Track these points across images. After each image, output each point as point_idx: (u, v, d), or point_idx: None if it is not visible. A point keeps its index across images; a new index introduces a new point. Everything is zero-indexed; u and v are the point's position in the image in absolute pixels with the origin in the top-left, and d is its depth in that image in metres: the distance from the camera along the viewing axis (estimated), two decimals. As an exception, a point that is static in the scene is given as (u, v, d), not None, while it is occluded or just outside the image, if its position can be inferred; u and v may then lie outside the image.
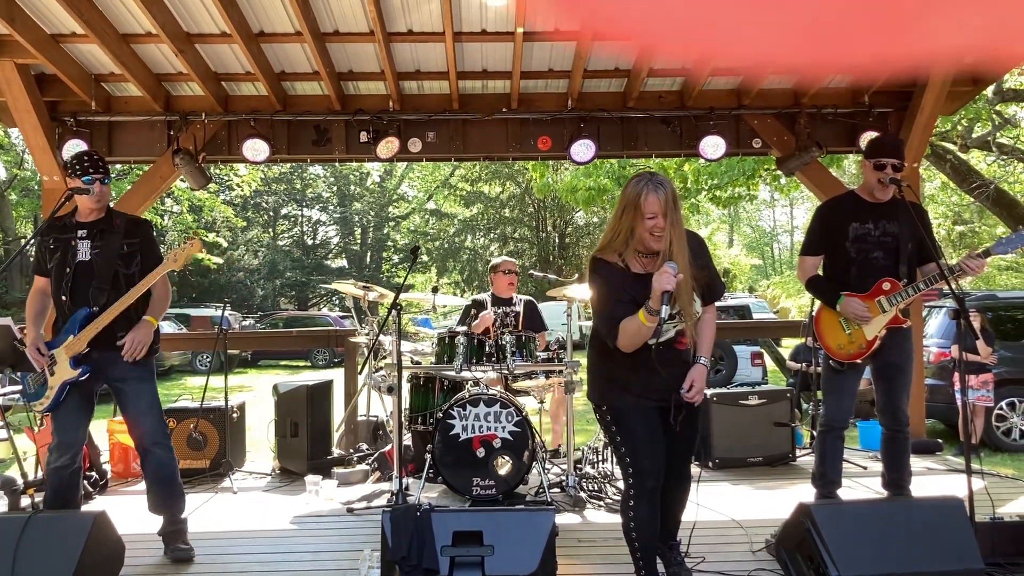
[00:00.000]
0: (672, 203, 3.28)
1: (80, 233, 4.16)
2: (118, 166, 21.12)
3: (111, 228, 4.21)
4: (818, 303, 4.65)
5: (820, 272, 4.60)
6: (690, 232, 3.46)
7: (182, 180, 7.00)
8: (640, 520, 3.43)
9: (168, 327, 21.06)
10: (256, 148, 6.54)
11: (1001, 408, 9.13)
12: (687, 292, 3.32)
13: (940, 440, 6.97)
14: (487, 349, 5.36)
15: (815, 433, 6.60)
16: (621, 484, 5.54)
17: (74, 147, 6.39)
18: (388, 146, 6.62)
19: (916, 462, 6.22)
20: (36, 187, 21.20)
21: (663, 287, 3.13)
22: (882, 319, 4.37)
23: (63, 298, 4.13)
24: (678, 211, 3.32)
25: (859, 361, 4.46)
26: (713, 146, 6.63)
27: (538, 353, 5.52)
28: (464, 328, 5.88)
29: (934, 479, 5.78)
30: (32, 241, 4.30)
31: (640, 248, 3.34)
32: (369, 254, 41.21)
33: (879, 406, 4.61)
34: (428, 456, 5.17)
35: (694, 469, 6.08)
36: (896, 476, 4.59)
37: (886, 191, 4.39)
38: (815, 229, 4.62)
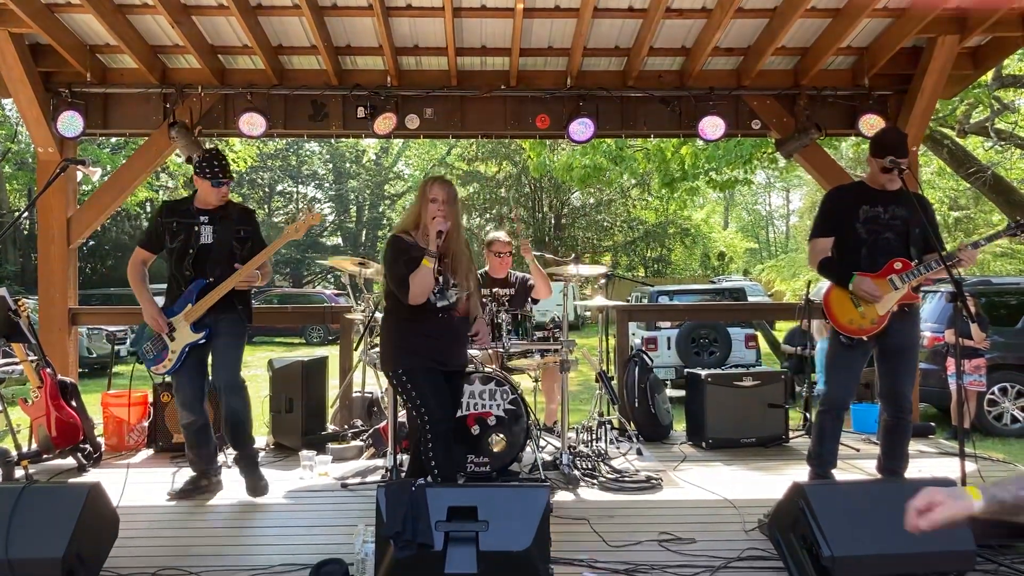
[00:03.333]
0: (452, 197, 4.13)
1: (202, 219, 4.83)
2: (113, 139, 21.07)
3: (227, 216, 4.89)
4: (815, 286, 4.66)
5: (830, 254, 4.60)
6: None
7: (178, 155, 6.96)
8: (440, 459, 3.99)
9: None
10: (252, 122, 6.48)
11: (993, 393, 9.18)
12: (468, 269, 4.22)
13: (932, 424, 7.00)
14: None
15: (808, 416, 6.66)
16: (615, 463, 5.58)
17: (69, 119, 6.34)
18: (385, 122, 6.57)
19: (909, 445, 6.27)
20: (31, 160, 21.06)
21: (437, 227, 3.98)
22: (894, 295, 4.39)
23: (186, 273, 4.79)
24: (457, 207, 4.17)
25: (866, 339, 4.47)
26: (712, 127, 6.59)
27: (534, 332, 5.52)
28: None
29: (926, 462, 5.81)
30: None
31: (426, 233, 4.04)
32: (364, 232, 41.09)
33: (882, 391, 4.63)
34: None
35: (686, 449, 6.18)
36: (893, 464, 4.61)
37: (894, 183, 4.44)
38: (825, 212, 4.64)
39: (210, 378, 4.95)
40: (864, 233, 4.46)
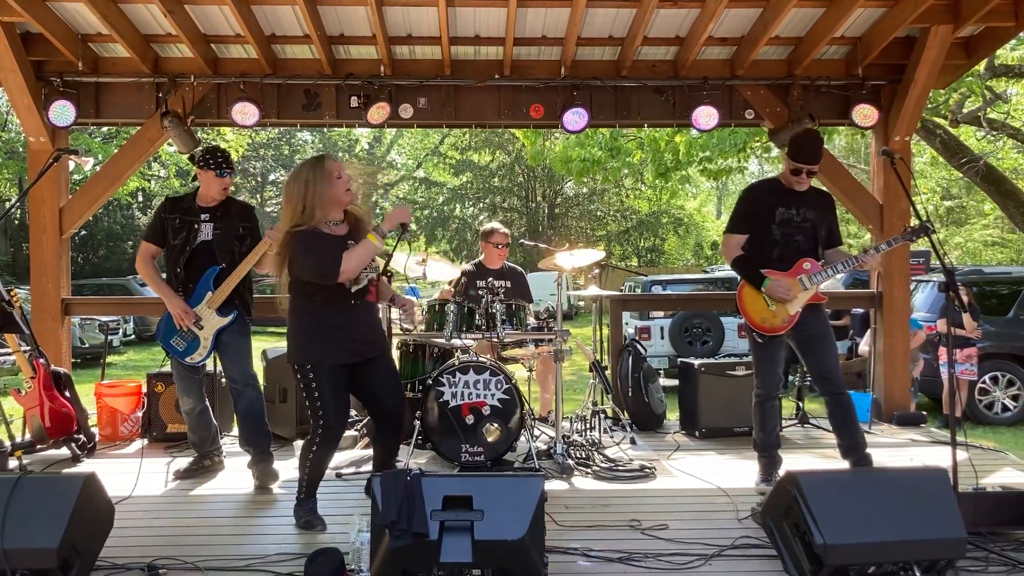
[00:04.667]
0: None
1: (203, 216, 4.91)
2: (104, 128, 20.94)
3: (228, 213, 4.97)
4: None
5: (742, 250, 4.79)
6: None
7: (170, 144, 6.92)
8: (318, 460, 4.14)
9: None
10: (245, 112, 6.45)
11: (984, 382, 9.24)
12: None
13: (924, 412, 7.04)
14: (477, 317, 5.36)
15: (800, 405, 6.70)
16: (609, 452, 5.60)
17: (61, 108, 6.30)
18: (379, 112, 6.55)
19: (901, 433, 6.33)
20: (20, 149, 20.93)
21: (403, 219, 4.09)
22: (804, 295, 4.63)
23: (177, 270, 4.90)
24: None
25: (781, 334, 4.69)
26: (706, 116, 6.59)
27: (528, 321, 5.53)
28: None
29: (918, 451, 5.85)
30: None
31: (332, 214, 4.05)
32: (357, 222, 40.99)
33: (813, 375, 4.79)
34: (417, 423, 5.19)
35: (680, 438, 6.20)
36: (850, 441, 4.68)
37: (803, 184, 4.72)
38: (746, 209, 4.83)
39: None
40: (778, 235, 4.69)
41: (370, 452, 5.64)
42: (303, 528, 4.14)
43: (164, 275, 5.11)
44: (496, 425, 5.10)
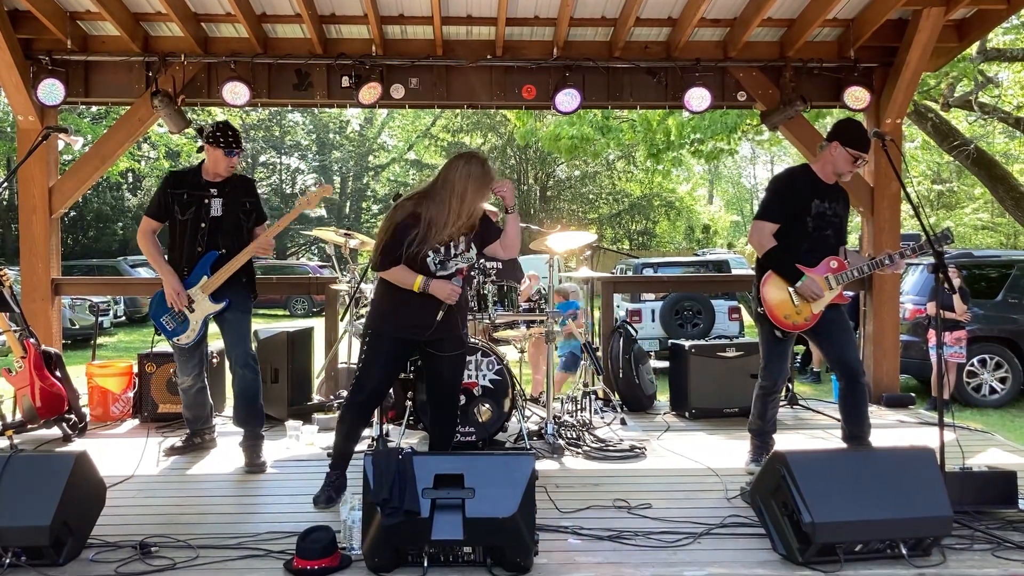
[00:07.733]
0: None
1: (212, 191, 4.89)
2: (93, 108, 20.80)
3: (234, 188, 4.96)
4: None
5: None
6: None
7: (160, 124, 6.88)
8: (343, 429, 4.22)
9: (146, 273, 20.87)
10: (236, 91, 6.43)
11: (972, 365, 9.30)
12: (466, 240, 4.11)
13: (913, 394, 7.09)
14: (469, 298, 5.36)
15: (790, 387, 6.73)
16: (599, 432, 5.63)
17: (50, 87, 6.26)
18: (370, 92, 6.53)
19: (889, 415, 6.38)
20: (9, 128, 20.76)
21: (447, 299, 4.02)
22: (829, 295, 4.54)
23: (198, 248, 4.86)
24: None
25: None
26: (698, 98, 6.59)
27: (520, 303, 5.53)
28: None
29: (906, 431, 5.89)
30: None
31: (473, 221, 4.07)
32: (348, 203, 40.83)
33: (830, 360, 4.75)
34: (408, 403, 5.21)
35: (670, 419, 6.24)
36: (857, 429, 4.64)
37: (845, 177, 4.60)
38: (784, 196, 4.64)
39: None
40: (811, 227, 4.56)
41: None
42: (315, 500, 4.21)
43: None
44: (487, 406, 5.12)
